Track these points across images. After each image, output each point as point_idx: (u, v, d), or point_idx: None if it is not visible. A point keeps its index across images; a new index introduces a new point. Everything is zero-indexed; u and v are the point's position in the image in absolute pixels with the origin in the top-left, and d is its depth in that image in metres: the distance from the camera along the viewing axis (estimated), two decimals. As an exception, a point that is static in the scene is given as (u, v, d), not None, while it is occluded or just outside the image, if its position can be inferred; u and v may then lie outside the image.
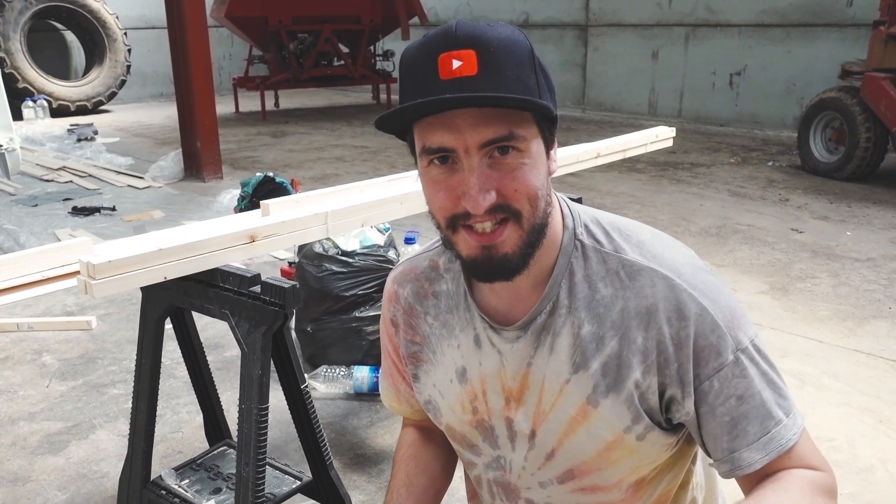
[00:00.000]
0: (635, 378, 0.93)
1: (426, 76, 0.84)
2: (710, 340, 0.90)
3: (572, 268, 0.96)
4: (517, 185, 0.86)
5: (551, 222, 0.94)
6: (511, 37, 0.85)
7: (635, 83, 10.11)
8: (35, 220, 5.31)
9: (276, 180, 4.42)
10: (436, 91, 0.83)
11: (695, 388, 0.92)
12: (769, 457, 0.90)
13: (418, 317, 1.10)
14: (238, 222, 1.71)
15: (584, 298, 0.95)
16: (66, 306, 3.71)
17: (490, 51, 0.83)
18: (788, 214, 5.36)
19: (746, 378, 0.90)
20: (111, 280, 1.42)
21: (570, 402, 0.97)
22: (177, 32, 6.30)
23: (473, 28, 0.84)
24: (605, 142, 2.67)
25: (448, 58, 0.83)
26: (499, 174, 0.86)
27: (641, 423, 0.95)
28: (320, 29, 10.32)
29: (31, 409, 2.78)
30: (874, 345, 3.25)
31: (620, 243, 0.97)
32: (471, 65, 0.82)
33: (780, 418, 0.91)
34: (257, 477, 1.57)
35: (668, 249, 0.97)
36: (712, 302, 0.92)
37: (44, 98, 10.12)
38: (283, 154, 7.81)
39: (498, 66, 0.83)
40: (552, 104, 0.88)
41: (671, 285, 0.92)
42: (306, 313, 2.94)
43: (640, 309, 0.93)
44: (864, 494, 2.25)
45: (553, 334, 0.97)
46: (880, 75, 5.82)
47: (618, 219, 1.02)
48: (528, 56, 0.86)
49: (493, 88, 0.83)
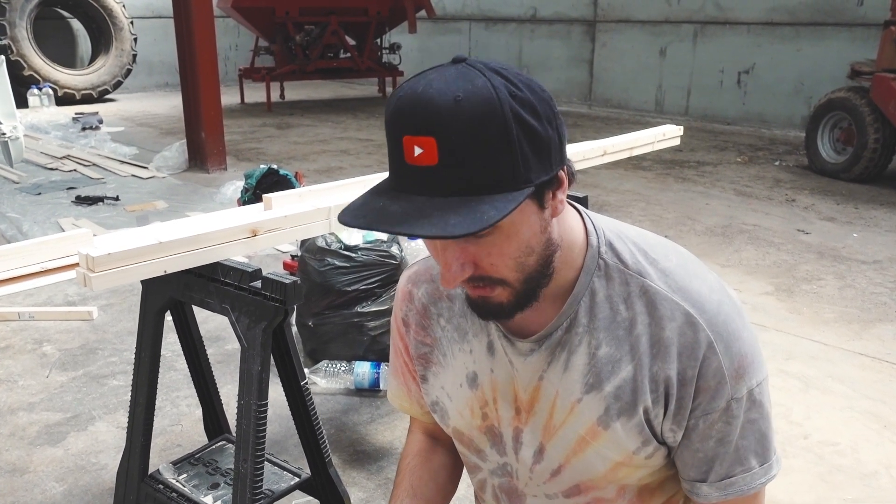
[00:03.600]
0: (646, 405, 0.93)
1: (395, 150, 0.80)
2: (710, 384, 0.91)
3: (594, 286, 0.94)
4: (493, 260, 0.84)
5: (563, 246, 0.91)
6: (479, 114, 0.76)
7: (643, 80, 10.07)
8: (38, 208, 5.30)
9: (280, 173, 4.40)
10: (402, 173, 0.80)
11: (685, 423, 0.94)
12: (726, 497, 0.95)
13: (431, 318, 1.08)
14: (240, 216, 1.70)
15: (604, 319, 0.93)
16: (67, 296, 3.70)
17: (451, 140, 0.76)
18: (795, 215, 5.32)
19: (730, 425, 0.92)
20: (110, 273, 1.40)
21: (581, 421, 0.96)
22: (183, 22, 6.28)
23: (438, 107, 0.76)
24: (611, 139, 2.64)
25: (410, 143, 0.78)
26: (475, 248, 0.83)
27: (651, 445, 0.95)
28: (327, 21, 10.29)
29: (31, 399, 2.78)
30: (880, 348, 3.22)
31: (646, 267, 0.94)
32: (431, 154, 0.77)
33: (749, 466, 0.94)
34: (255, 473, 1.55)
35: (695, 281, 0.94)
36: (725, 347, 0.90)
37: (49, 86, 10.12)
38: (288, 146, 7.79)
39: (460, 157, 0.76)
40: (540, 166, 0.80)
41: (690, 322, 0.91)
42: (308, 308, 2.92)
43: (656, 339, 0.91)
44: (867, 500, 2.22)
45: (569, 351, 0.95)
46: (890, 76, 5.77)
47: (642, 235, 0.99)
48: (500, 131, 0.77)
49: (455, 184, 0.77)
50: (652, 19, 9.83)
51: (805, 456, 2.44)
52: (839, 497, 2.24)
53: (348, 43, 10.79)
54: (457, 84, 0.77)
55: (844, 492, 2.26)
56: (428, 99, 0.77)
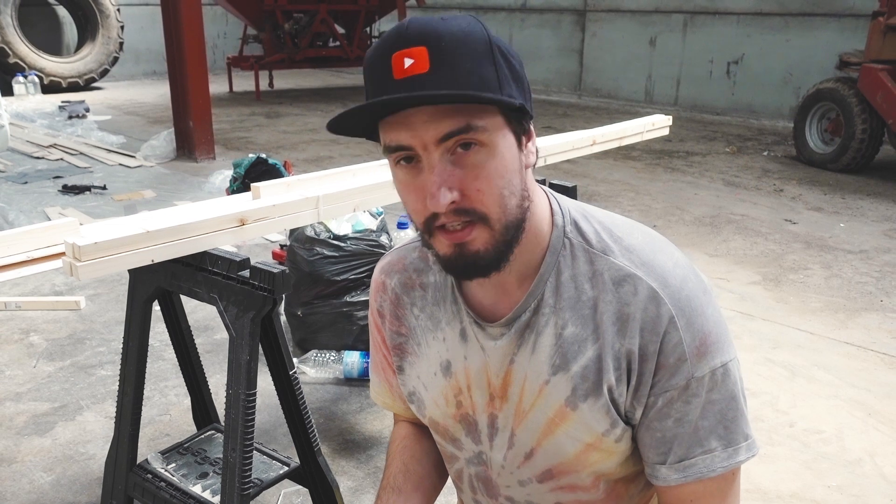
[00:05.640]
0: (610, 383, 0.92)
1: (381, 77, 0.83)
2: (669, 361, 0.90)
3: (560, 266, 0.94)
4: (480, 185, 0.83)
5: (532, 217, 0.91)
6: (465, 29, 0.82)
7: (632, 70, 10.07)
8: (24, 197, 5.26)
9: (269, 162, 4.38)
10: (391, 90, 0.81)
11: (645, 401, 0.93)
12: (686, 479, 0.93)
13: (405, 308, 1.08)
14: (228, 205, 1.69)
15: (569, 299, 0.93)
16: (54, 286, 3.68)
17: (441, 46, 0.80)
18: (782, 205, 5.35)
19: (690, 405, 0.91)
20: (97, 262, 1.39)
21: (549, 403, 0.96)
22: (170, 10, 6.22)
23: (425, 24, 0.82)
24: (601, 129, 2.64)
25: (400, 56, 0.81)
26: (461, 171, 0.83)
27: (619, 427, 0.95)
28: (316, 9, 10.22)
29: (18, 389, 2.76)
30: (865, 337, 3.25)
31: (610, 244, 0.94)
32: (422, 62, 0.80)
33: (709, 448, 0.92)
34: (244, 462, 1.55)
35: (660, 255, 0.94)
36: (687, 323, 0.90)
37: (35, 74, 10.00)
38: (277, 135, 7.75)
39: (450, 60, 0.80)
40: (518, 94, 0.85)
41: (653, 296, 0.90)
42: (297, 297, 2.92)
43: (620, 315, 0.91)
44: (851, 487, 2.25)
45: (536, 333, 0.95)
46: (878, 66, 5.80)
47: (608, 216, 0.99)
48: (484, 47, 0.82)
49: (446, 85, 0.80)
50: (642, 9, 9.82)
51: (790, 444, 2.46)
52: (824, 484, 2.27)
53: (338, 31, 10.72)
54: (437, 17, 0.84)
55: (829, 479, 2.29)
56: (414, 22, 0.83)
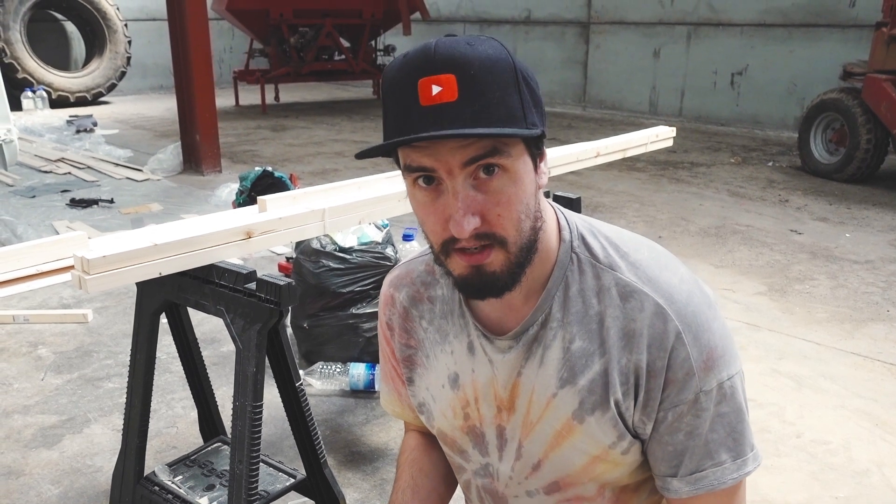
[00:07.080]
0: (617, 397, 0.93)
1: (407, 101, 0.82)
2: (678, 376, 0.91)
3: (567, 281, 0.95)
4: (501, 210, 0.84)
5: (543, 236, 0.93)
6: (493, 56, 0.82)
7: (636, 81, 10.10)
8: (33, 211, 5.30)
9: (275, 175, 4.41)
10: (416, 117, 0.81)
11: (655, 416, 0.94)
12: (697, 491, 0.94)
13: (413, 321, 1.09)
14: (234, 218, 1.70)
15: (577, 313, 0.94)
16: (62, 299, 3.70)
17: (470, 74, 0.80)
18: (788, 215, 5.35)
19: (699, 418, 0.92)
20: (106, 275, 1.41)
21: (556, 416, 0.97)
22: (177, 24, 6.28)
23: (453, 49, 0.81)
24: (605, 141, 2.65)
25: (427, 83, 0.80)
26: (483, 197, 0.84)
27: (626, 440, 0.96)
28: (321, 23, 10.30)
29: (26, 402, 2.78)
30: (871, 348, 3.24)
31: (616, 260, 0.95)
32: (451, 90, 0.80)
33: (720, 460, 0.93)
34: (251, 474, 1.56)
35: (665, 272, 0.95)
36: (694, 338, 0.91)
37: (43, 89, 10.10)
38: (283, 148, 7.79)
39: (479, 90, 0.80)
40: (538, 120, 0.86)
41: (659, 312, 0.91)
42: (303, 309, 2.93)
43: (627, 331, 0.92)
44: (858, 499, 2.24)
45: (544, 346, 0.96)
46: (882, 77, 5.81)
47: (615, 231, 1.01)
48: (511, 75, 0.83)
49: (474, 115, 0.80)
50: (645, 21, 9.86)
51: (797, 455, 2.46)
52: (831, 495, 2.26)
53: (343, 45, 10.80)
54: (463, 39, 0.83)
55: (836, 490, 2.28)
56: (441, 46, 0.82)
